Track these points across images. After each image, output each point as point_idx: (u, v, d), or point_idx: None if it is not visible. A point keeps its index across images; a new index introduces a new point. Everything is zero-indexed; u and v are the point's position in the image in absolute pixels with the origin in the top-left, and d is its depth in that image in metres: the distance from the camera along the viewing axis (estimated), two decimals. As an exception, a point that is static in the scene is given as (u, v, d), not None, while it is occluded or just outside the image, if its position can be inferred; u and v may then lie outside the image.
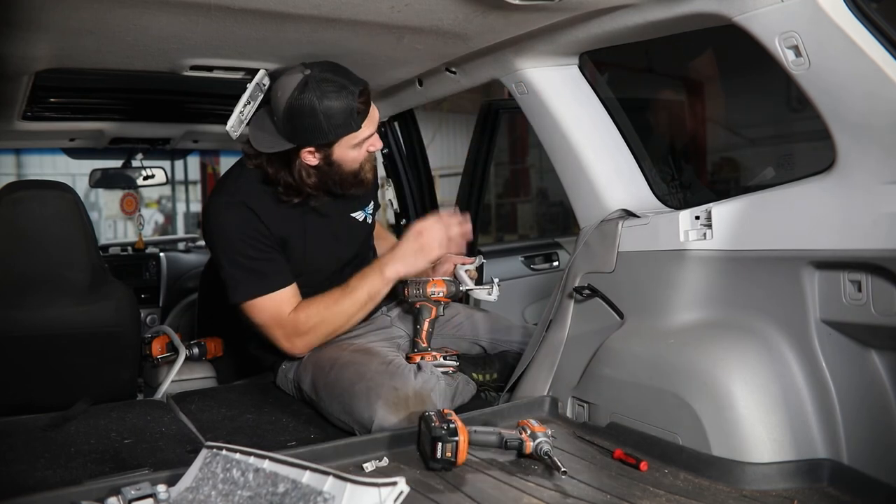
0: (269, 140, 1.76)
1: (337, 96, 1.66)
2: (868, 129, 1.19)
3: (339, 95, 1.67)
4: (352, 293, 1.82)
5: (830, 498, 1.22)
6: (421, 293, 1.90)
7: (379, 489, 0.97)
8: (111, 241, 7.04)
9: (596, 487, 1.27)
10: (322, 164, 1.78)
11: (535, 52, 1.75)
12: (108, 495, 1.12)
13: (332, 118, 1.67)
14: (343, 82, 1.68)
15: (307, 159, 1.76)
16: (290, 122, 1.69)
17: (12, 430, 1.73)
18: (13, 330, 1.97)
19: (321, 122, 1.67)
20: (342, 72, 1.71)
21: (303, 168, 1.78)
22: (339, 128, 1.70)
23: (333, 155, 1.76)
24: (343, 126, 1.70)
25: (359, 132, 1.74)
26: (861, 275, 1.21)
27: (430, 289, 1.90)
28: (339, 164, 1.79)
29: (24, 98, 2.18)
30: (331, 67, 1.71)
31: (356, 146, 1.77)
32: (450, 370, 1.84)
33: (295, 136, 1.72)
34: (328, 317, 1.83)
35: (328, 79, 1.67)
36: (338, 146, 1.75)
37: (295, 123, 1.69)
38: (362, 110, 1.71)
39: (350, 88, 1.68)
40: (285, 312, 1.82)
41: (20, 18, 1.41)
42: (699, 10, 1.35)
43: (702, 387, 1.37)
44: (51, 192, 2.01)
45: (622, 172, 1.82)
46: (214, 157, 7.80)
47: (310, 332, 1.83)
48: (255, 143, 1.78)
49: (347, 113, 1.69)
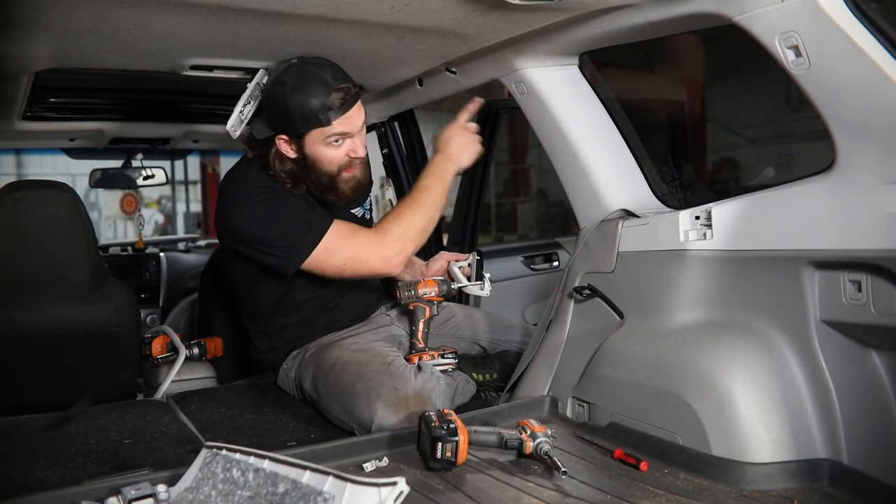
0: (259, 127, 1.79)
1: (311, 88, 1.69)
2: (868, 129, 1.19)
3: (313, 88, 1.69)
4: (425, 189, 1.82)
5: (830, 498, 1.22)
6: (413, 294, 1.90)
7: (379, 489, 0.97)
8: (111, 241, 7.05)
9: (596, 487, 1.27)
10: (298, 158, 1.79)
11: (535, 52, 1.75)
12: (108, 495, 1.12)
13: (301, 109, 1.69)
14: (323, 77, 1.70)
15: (283, 148, 1.79)
16: (267, 108, 1.74)
17: (12, 430, 1.73)
18: (13, 330, 1.97)
19: (291, 112, 1.69)
20: (330, 68, 1.73)
21: (277, 157, 1.80)
22: (308, 121, 1.71)
23: (305, 148, 1.77)
24: (313, 120, 1.71)
25: (329, 127, 1.73)
26: (861, 275, 1.21)
27: (421, 289, 1.90)
28: (313, 161, 1.79)
29: (24, 98, 2.18)
30: (319, 61, 1.73)
31: (329, 144, 1.76)
32: (448, 368, 1.84)
33: (271, 123, 1.75)
34: (413, 217, 1.80)
35: (309, 71, 1.70)
36: (308, 139, 1.75)
37: (270, 111, 1.74)
38: (336, 106, 1.71)
39: (328, 83, 1.70)
40: (361, 232, 1.80)
41: (20, 18, 1.41)
42: (699, 10, 1.35)
43: (702, 387, 1.37)
44: (51, 192, 2.01)
45: (622, 172, 1.82)
46: (214, 157, 7.82)
47: (401, 237, 1.78)
48: (254, 130, 1.81)
49: (318, 107, 1.70)
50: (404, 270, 2.17)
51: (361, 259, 1.77)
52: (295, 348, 1.99)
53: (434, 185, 1.83)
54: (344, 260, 1.77)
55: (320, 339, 1.96)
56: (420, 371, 1.74)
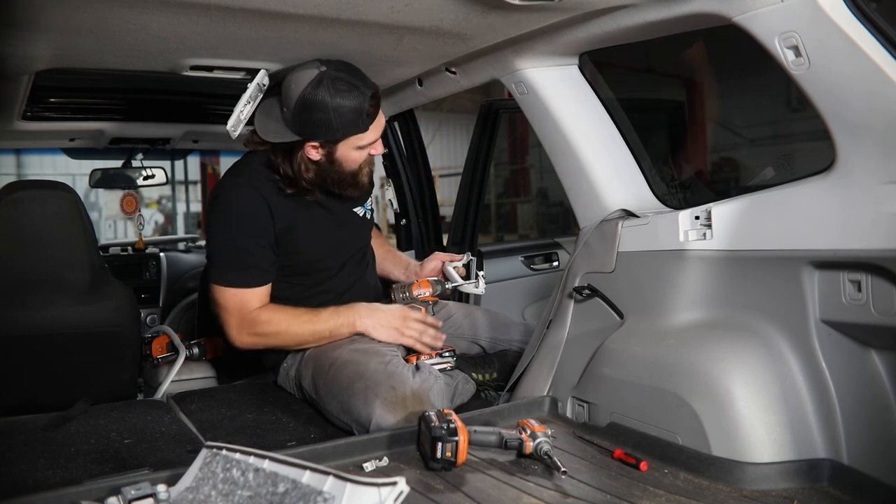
0: (275, 130, 1.79)
1: (350, 95, 1.70)
2: (868, 129, 1.19)
3: (352, 95, 1.71)
4: (317, 322, 1.86)
5: (830, 498, 1.22)
6: (408, 296, 1.93)
7: (379, 489, 0.97)
8: (111, 241, 7.04)
9: (596, 487, 1.27)
10: (323, 161, 1.81)
11: (534, 52, 1.75)
12: (108, 495, 1.12)
13: (342, 116, 1.71)
14: (356, 83, 1.72)
15: (310, 153, 1.80)
16: (300, 115, 1.72)
17: (12, 430, 1.73)
18: (13, 330, 1.97)
19: (331, 119, 1.70)
20: (356, 72, 1.76)
21: (303, 161, 1.81)
22: (348, 126, 1.74)
23: (337, 153, 1.80)
24: (352, 125, 1.74)
25: (365, 134, 1.78)
26: (861, 275, 1.21)
27: (415, 291, 1.94)
28: (339, 163, 1.82)
29: (24, 98, 2.18)
30: (346, 67, 1.75)
31: (360, 148, 1.81)
32: (447, 367, 1.84)
33: (303, 128, 1.75)
34: (285, 331, 1.86)
35: (343, 77, 1.71)
36: (342, 144, 1.78)
37: (305, 117, 1.72)
38: (371, 112, 1.75)
39: (363, 90, 1.72)
40: (250, 308, 1.84)
41: (20, 18, 1.41)
42: (699, 10, 1.35)
43: (702, 387, 1.37)
44: (51, 192, 2.01)
45: (622, 172, 1.82)
46: (214, 157, 7.82)
47: (262, 335, 1.87)
48: (262, 132, 1.81)
49: (357, 113, 1.72)
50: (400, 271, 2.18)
51: (226, 321, 1.86)
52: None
53: (325, 332, 1.86)
54: (220, 308, 1.87)
55: (320, 339, 1.96)
56: (418, 371, 1.74)
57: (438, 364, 1.83)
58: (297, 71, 1.74)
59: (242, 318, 1.84)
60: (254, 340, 1.87)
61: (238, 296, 1.83)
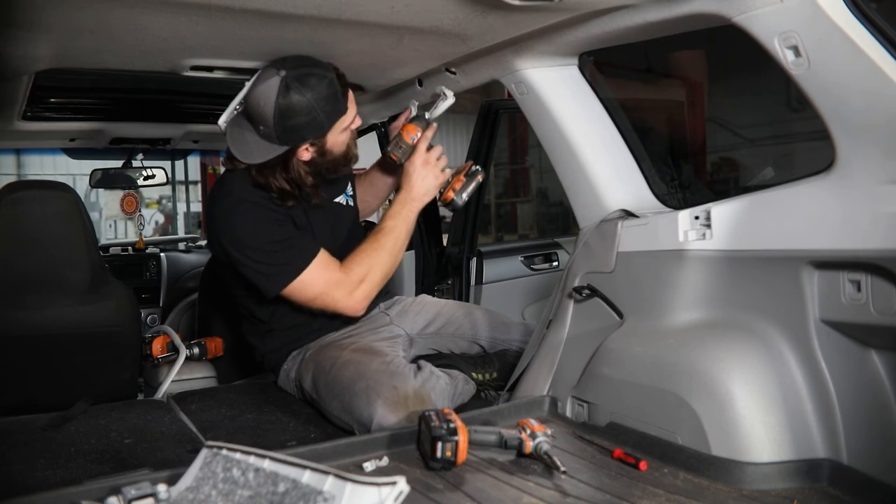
0: (257, 150, 1.76)
1: (320, 85, 1.70)
2: (868, 129, 1.19)
3: (322, 84, 1.71)
4: (388, 232, 1.85)
5: (830, 498, 1.21)
6: (406, 147, 1.92)
7: (379, 489, 0.97)
8: (111, 241, 7.04)
9: (595, 487, 1.27)
10: (316, 157, 1.82)
11: (534, 53, 1.75)
12: (108, 495, 1.12)
13: (323, 108, 1.71)
14: (317, 71, 1.71)
15: (302, 156, 1.80)
16: (282, 124, 1.70)
17: (12, 430, 1.74)
18: (13, 330, 1.97)
19: (315, 115, 1.71)
20: (310, 61, 1.74)
21: (299, 167, 1.81)
22: (331, 114, 1.75)
23: (327, 144, 1.81)
24: (334, 112, 1.75)
25: (347, 114, 1.79)
26: (861, 275, 1.21)
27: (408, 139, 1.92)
28: (331, 151, 1.83)
29: (24, 98, 2.18)
30: (299, 60, 1.73)
31: (344, 129, 1.82)
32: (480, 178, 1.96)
33: (289, 136, 1.73)
34: (377, 260, 1.84)
35: (304, 72, 1.70)
36: (330, 134, 1.79)
37: (288, 124, 1.70)
38: (343, 91, 1.77)
39: (327, 74, 1.72)
40: (335, 271, 1.82)
41: (20, 18, 1.41)
42: (699, 11, 1.35)
43: (702, 387, 1.37)
44: (51, 192, 2.01)
45: (621, 172, 1.82)
46: (214, 157, 7.79)
47: (365, 280, 1.83)
48: (242, 156, 1.78)
49: (334, 98, 1.74)
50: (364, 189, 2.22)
51: (332, 299, 1.83)
52: (295, 349, 1.99)
53: (398, 227, 1.86)
54: (315, 294, 1.82)
55: (320, 338, 1.96)
56: (420, 370, 1.74)
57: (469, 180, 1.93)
58: (257, 86, 1.71)
59: (339, 284, 1.81)
60: (364, 292, 1.84)
61: (315, 274, 1.79)
